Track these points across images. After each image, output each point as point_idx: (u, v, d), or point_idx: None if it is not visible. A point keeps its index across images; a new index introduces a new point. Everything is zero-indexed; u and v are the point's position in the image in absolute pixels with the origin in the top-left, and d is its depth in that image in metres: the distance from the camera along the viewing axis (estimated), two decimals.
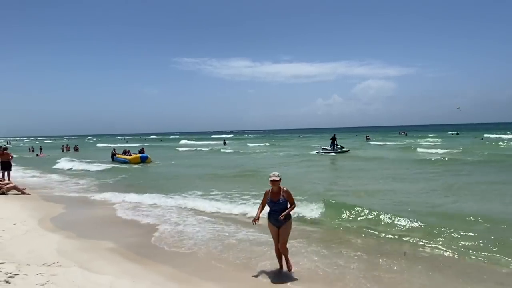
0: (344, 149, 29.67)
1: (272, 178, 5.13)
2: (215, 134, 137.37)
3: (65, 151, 46.00)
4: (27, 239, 6.88)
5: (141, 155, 26.43)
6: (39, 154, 39.25)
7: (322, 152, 29.34)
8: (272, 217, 5.18)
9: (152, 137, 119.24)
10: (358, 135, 70.18)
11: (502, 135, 50.00)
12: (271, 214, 5.18)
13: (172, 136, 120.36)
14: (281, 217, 5.07)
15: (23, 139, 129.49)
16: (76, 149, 48.40)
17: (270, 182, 5.16)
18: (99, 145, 64.75)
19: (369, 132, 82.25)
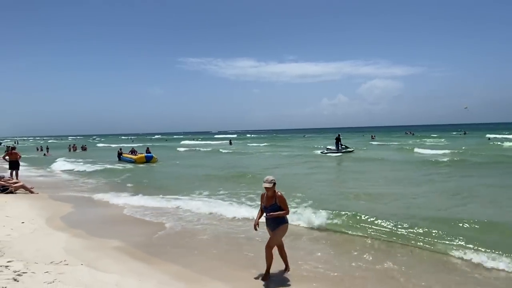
0: (349, 149, 29.56)
1: (265, 185, 5.00)
2: (219, 134, 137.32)
3: (72, 151, 46.32)
4: (35, 238, 6.94)
5: (146, 155, 26.58)
6: (46, 154, 39.65)
7: (327, 152, 29.25)
8: (268, 222, 5.12)
9: (156, 137, 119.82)
10: (365, 135, 69.78)
11: (509, 135, 48.89)
12: (267, 219, 5.12)
13: (176, 136, 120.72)
14: (268, 216, 5.00)
15: (29, 139, 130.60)
16: (85, 149, 48.83)
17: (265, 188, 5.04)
18: (100, 145, 64.90)
19: (375, 132, 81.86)
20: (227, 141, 62.06)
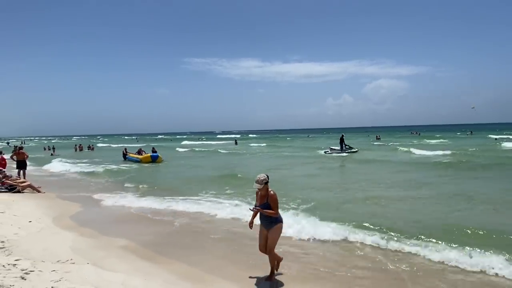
0: (353, 149, 29.41)
1: (255, 186, 4.88)
2: (222, 134, 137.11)
3: (78, 151, 46.70)
4: (42, 237, 7.00)
5: (152, 155, 26.70)
6: (53, 154, 40.07)
7: (330, 152, 29.18)
8: (261, 219, 5.05)
9: (160, 137, 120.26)
10: (370, 136, 69.45)
11: None
12: (260, 216, 5.05)
13: (179, 136, 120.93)
14: (252, 209, 4.99)
15: (34, 139, 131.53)
16: (92, 149, 49.30)
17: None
18: (100, 145, 64.74)
19: (380, 132, 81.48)
20: (232, 141, 62.18)
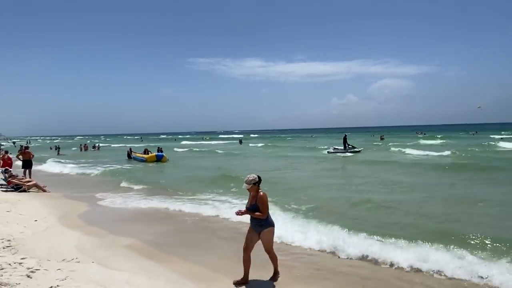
0: (356, 149, 29.36)
1: (244, 186, 4.76)
2: (225, 134, 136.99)
3: (83, 150, 47.01)
4: (47, 236, 7.05)
5: (157, 154, 26.82)
6: (59, 153, 40.45)
7: (334, 152, 29.21)
8: (251, 220, 4.88)
9: (162, 137, 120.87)
10: (375, 136, 69.14)
11: None
12: (250, 218, 4.87)
13: (181, 136, 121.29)
14: (238, 212, 4.76)
15: (38, 139, 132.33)
16: (98, 148, 49.70)
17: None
18: (101, 145, 64.00)
19: (385, 132, 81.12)
20: (237, 141, 62.18)
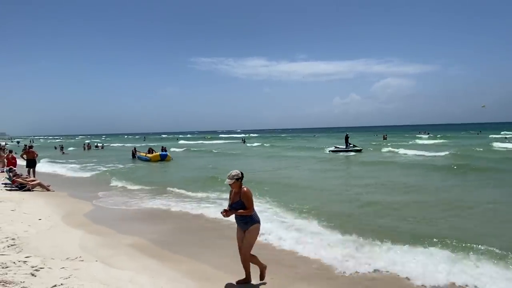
0: (357, 148, 30.31)
1: (226, 181, 4.61)
2: (228, 134, 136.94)
3: (87, 150, 47.28)
4: (51, 234, 7.09)
5: (161, 153, 26.93)
6: (64, 152, 40.76)
7: (335, 151, 30.02)
8: (236, 220, 4.73)
9: (163, 136, 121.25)
10: (377, 135, 68.99)
11: None
12: (235, 217, 4.69)
13: (182, 136, 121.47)
14: (223, 213, 4.60)
15: (40, 139, 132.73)
16: (102, 147, 50.01)
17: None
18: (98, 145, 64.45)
19: (388, 131, 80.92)
20: (239, 140, 62.21)
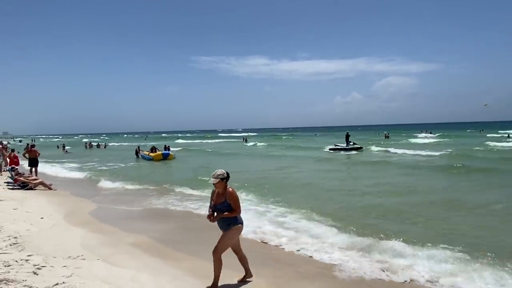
0: (357, 145, 30.76)
1: (211, 180, 4.40)
2: (229, 133, 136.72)
3: (88, 148, 47.55)
4: (53, 233, 7.12)
5: (163, 152, 26.99)
6: (67, 151, 40.98)
7: (335, 148, 30.61)
8: (218, 223, 4.53)
9: (163, 135, 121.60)
10: (379, 134, 68.88)
11: None
12: (217, 221, 4.50)
13: (181, 135, 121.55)
14: (209, 218, 4.45)
15: (40, 138, 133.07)
16: (104, 146, 50.20)
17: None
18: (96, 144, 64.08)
19: (390, 130, 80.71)
20: (239, 140, 62.21)
